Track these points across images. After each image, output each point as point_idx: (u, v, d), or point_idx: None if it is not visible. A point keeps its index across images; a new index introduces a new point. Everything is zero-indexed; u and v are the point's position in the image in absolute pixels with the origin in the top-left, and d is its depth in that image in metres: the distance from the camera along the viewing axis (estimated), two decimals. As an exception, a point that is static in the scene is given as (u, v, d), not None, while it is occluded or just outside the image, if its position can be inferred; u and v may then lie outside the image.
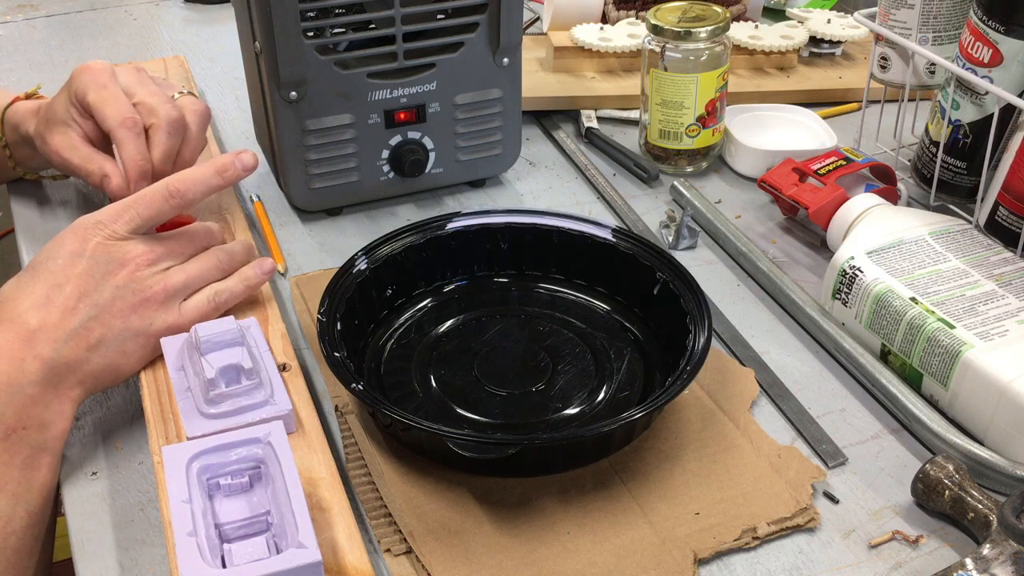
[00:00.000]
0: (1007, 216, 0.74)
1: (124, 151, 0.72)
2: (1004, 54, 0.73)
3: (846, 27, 1.08)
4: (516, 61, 0.84)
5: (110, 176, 0.73)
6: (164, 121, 0.73)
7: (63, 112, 0.75)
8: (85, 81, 0.73)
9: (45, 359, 0.59)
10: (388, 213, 0.87)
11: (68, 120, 0.75)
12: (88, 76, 0.74)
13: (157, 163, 0.73)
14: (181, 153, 0.75)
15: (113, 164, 0.73)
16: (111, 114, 0.72)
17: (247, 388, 0.59)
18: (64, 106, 0.75)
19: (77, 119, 0.75)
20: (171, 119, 0.74)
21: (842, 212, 0.77)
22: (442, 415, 0.64)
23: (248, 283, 0.68)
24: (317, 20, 0.77)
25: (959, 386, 0.63)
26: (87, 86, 0.73)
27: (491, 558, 0.56)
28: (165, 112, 0.73)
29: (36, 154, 0.80)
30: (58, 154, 0.75)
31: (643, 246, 0.72)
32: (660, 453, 0.62)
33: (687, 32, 0.86)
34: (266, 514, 0.54)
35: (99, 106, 0.72)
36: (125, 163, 0.72)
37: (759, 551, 0.57)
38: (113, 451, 0.64)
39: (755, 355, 0.71)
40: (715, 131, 0.91)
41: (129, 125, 0.72)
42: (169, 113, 0.74)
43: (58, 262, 0.62)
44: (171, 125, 0.73)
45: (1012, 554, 0.52)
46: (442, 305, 0.74)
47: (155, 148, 0.73)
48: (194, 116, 0.76)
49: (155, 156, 0.73)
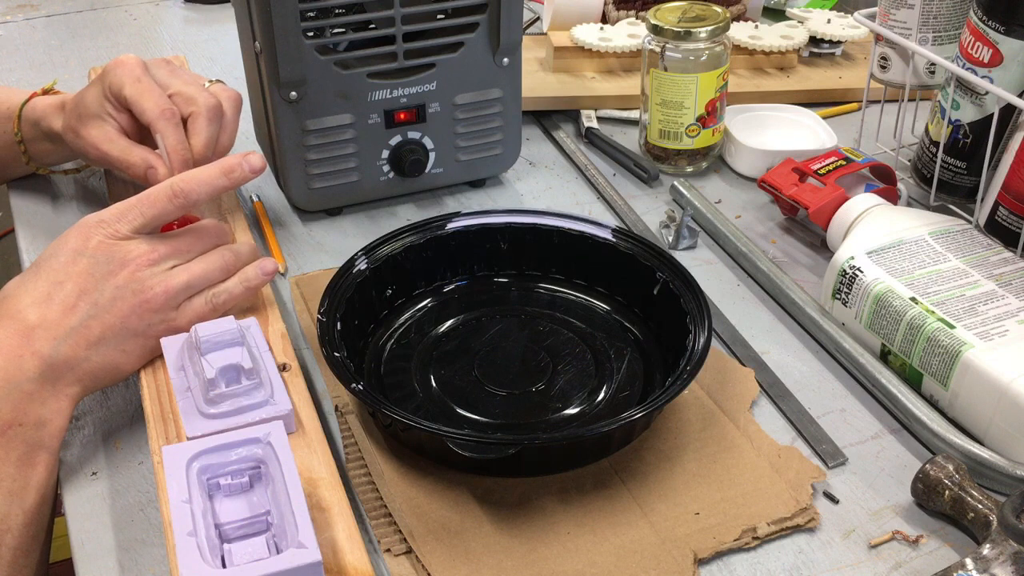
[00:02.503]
0: (1007, 216, 0.74)
1: (167, 141, 0.72)
2: (1004, 54, 0.73)
3: (846, 27, 1.08)
4: (516, 61, 0.84)
5: (156, 167, 0.73)
6: (203, 108, 0.74)
7: (96, 106, 0.75)
8: (120, 75, 0.74)
9: (44, 356, 0.59)
10: (388, 213, 0.87)
11: (102, 114, 0.75)
12: (122, 70, 0.74)
13: (199, 150, 0.73)
14: (220, 139, 0.76)
15: (156, 155, 0.74)
16: (149, 107, 0.73)
17: (247, 388, 0.59)
18: (98, 100, 0.75)
19: (112, 113, 0.75)
20: (210, 106, 0.75)
21: (842, 212, 0.77)
22: (442, 415, 0.64)
23: (248, 284, 0.67)
24: (317, 20, 0.77)
25: (959, 386, 0.63)
26: (122, 80, 0.74)
27: (491, 558, 0.56)
28: (204, 100, 0.74)
29: (57, 149, 0.81)
30: (96, 147, 0.75)
31: (643, 246, 0.72)
32: (660, 453, 0.62)
33: (687, 32, 0.86)
34: (266, 514, 0.54)
35: (136, 99, 0.73)
36: (168, 153, 0.72)
37: (759, 551, 0.57)
38: (113, 451, 0.64)
39: (755, 355, 0.71)
40: (715, 131, 0.91)
41: (168, 116, 0.73)
42: (208, 100, 0.75)
43: (60, 260, 0.62)
44: (210, 112, 0.74)
45: (1012, 554, 0.52)
46: (442, 305, 0.74)
47: (197, 136, 0.74)
48: (229, 103, 0.77)
49: (197, 143, 0.73)
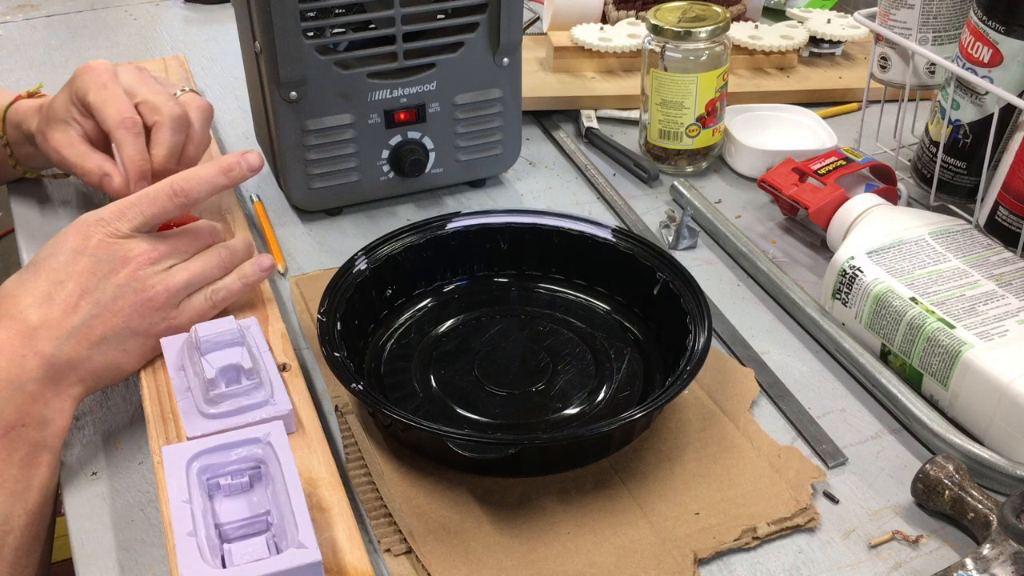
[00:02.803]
0: (1007, 216, 0.74)
1: (124, 151, 0.72)
2: (1004, 54, 0.73)
3: (846, 27, 1.08)
4: (516, 61, 0.84)
5: (111, 175, 0.73)
6: (168, 118, 0.73)
7: (63, 111, 0.75)
8: (86, 81, 0.74)
9: (46, 356, 0.59)
10: (388, 213, 0.87)
11: (68, 119, 0.75)
12: (89, 76, 0.74)
13: (162, 160, 0.73)
14: (185, 150, 0.76)
15: (113, 163, 0.73)
16: (111, 114, 0.72)
17: (247, 388, 0.59)
18: (65, 105, 0.75)
19: (77, 118, 0.75)
20: (175, 116, 0.74)
21: (842, 212, 0.77)
22: (442, 415, 0.64)
23: (246, 280, 0.68)
24: (317, 20, 0.77)
25: (959, 386, 0.63)
26: (88, 86, 0.73)
27: (491, 558, 0.56)
28: (169, 109, 0.74)
29: (38, 152, 0.81)
30: (56, 151, 0.75)
31: (643, 246, 0.72)
32: (660, 453, 0.62)
33: (687, 32, 0.86)
34: (266, 514, 0.54)
35: (99, 106, 0.73)
36: (125, 163, 0.72)
37: (759, 551, 0.57)
38: (113, 451, 0.64)
39: (755, 355, 0.71)
40: (715, 131, 0.91)
41: (128, 125, 0.72)
42: (173, 110, 0.74)
43: (60, 259, 0.62)
44: (175, 122, 0.74)
45: (1012, 554, 0.52)
46: (442, 305, 0.74)
47: (160, 145, 0.73)
48: (197, 113, 0.77)
49: (160, 153, 0.73)
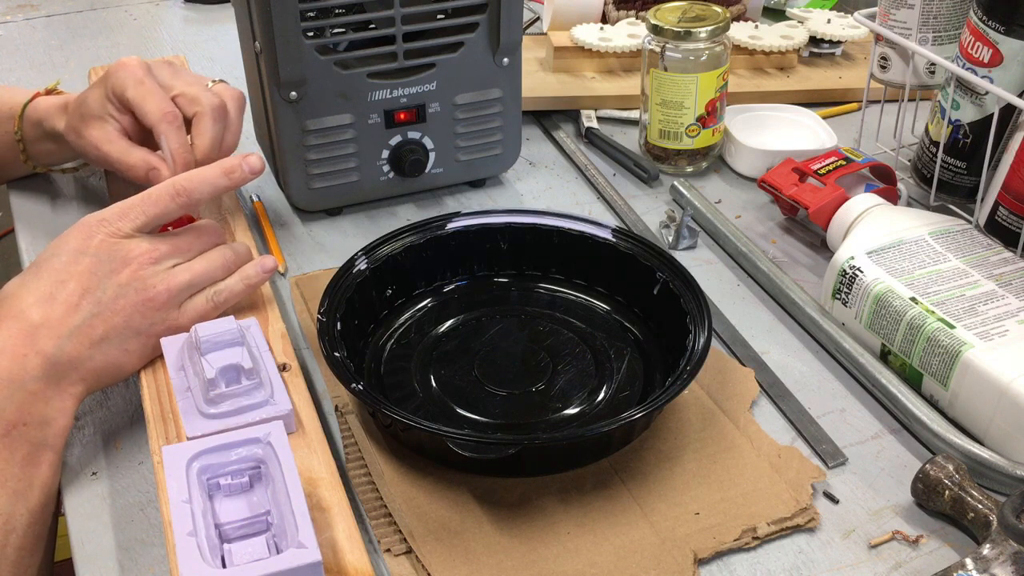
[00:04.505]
0: (1007, 216, 0.74)
1: (170, 144, 0.73)
2: (1004, 54, 0.73)
3: (846, 27, 1.08)
4: (516, 61, 0.84)
5: (158, 169, 0.73)
6: (208, 109, 0.74)
7: (99, 107, 0.75)
8: (122, 77, 0.74)
9: (47, 355, 0.59)
10: (388, 213, 0.87)
11: (104, 115, 0.75)
12: (125, 72, 0.74)
13: (204, 150, 0.74)
14: (224, 139, 0.76)
15: (157, 157, 0.74)
16: (152, 109, 0.73)
17: (247, 388, 0.59)
18: (100, 101, 0.75)
19: (114, 114, 0.75)
20: (214, 106, 0.75)
21: (842, 212, 0.77)
22: (442, 415, 0.64)
23: (248, 281, 0.68)
24: (317, 20, 0.77)
25: (959, 386, 0.63)
26: (125, 82, 0.74)
27: (491, 558, 0.56)
28: (207, 100, 0.75)
29: (59, 149, 0.81)
30: (96, 148, 0.76)
31: (643, 246, 0.72)
32: (660, 453, 0.62)
33: (687, 32, 0.86)
34: (266, 514, 0.54)
35: (139, 101, 0.73)
36: (172, 155, 0.73)
37: (759, 551, 0.57)
38: (113, 451, 0.64)
39: (755, 355, 0.71)
40: (715, 131, 0.91)
41: (170, 119, 0.73)
42: (211, 100, 0.75)
43: (61, 259, 0.62)
44: (215, 112, 0.75)
45: (1012, 554, 0.52)
46: (442, 305, 0.74)
47: (201, 136, 0.74)
48: (233, 102, 0.77)
49: (203, 144, 0.74)
